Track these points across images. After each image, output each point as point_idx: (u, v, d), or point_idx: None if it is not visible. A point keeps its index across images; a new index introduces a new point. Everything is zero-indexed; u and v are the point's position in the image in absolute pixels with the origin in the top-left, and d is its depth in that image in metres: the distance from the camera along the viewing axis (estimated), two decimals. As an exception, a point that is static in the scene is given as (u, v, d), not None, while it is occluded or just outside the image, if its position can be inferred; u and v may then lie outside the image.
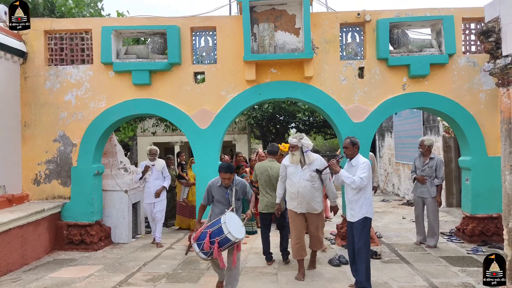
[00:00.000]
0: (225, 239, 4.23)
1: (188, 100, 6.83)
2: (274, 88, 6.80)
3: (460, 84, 6.67)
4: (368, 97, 6.75)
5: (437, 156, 6.69)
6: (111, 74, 6.86)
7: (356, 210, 4.52)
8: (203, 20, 6.95)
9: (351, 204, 4.58)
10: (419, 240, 6.70)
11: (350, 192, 4.61)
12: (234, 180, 4.66)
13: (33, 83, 6.88)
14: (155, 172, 7.20)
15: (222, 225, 4.23)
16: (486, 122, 6.60)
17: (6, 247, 5.53)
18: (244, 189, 4.80)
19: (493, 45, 4.10)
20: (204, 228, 4.38)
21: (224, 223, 4.23)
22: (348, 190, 4.63)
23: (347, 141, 4.65)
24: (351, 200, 4.58)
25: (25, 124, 6.87)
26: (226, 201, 4.65)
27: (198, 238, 4.35)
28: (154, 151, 7.35)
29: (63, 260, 6.20)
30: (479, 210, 6.60)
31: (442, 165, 6.66)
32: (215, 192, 4.68)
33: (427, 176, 6.51)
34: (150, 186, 7.18)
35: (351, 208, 4.58)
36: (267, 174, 5.94)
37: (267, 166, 6.03)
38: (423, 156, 6.66)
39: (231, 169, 4.59)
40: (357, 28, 6.88)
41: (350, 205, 4.61)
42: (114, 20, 7.42)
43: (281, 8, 6.67)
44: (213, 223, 4.39)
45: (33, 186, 6.87)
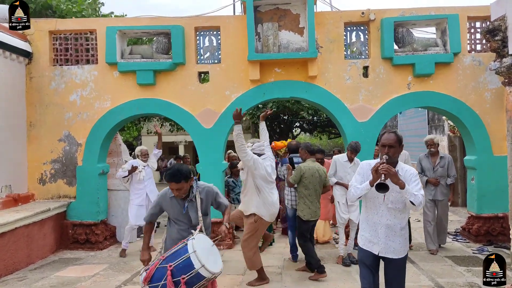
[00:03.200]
0: (196, 276, 2.94)
1: (192, 99, 6.84)
2: (278, 88, 6.80)
3: (466, 83, 6.63)
4: (373, 96, 6.73)
5: (446, 154, 6.42)
6: (115, 74, 6.88)
7: (401, 243, 3.14)
8: (207, 20, 6.96)
9: (391, 231, 3.11)
10: (436, 248, 6.17)
11: (390, 215, 3.11)
12: (194, 187, 3.37)
13: (38, 83, 6.91)
14: (149, 171, 6.70)
15: (191, 255, 2.93)
16: (492, 121, 6.56)
17: (13, 246, 5.57)
18: (215, 198, 3.53)
19: (499, 44, 4.09)
20: (161, 262, 3.02)
21: (194, 253, 2.93)
22: (387, 211, 3.12)
23: (392, 137, 3.08)
24: (392, 227, 3.11)
25: (30, 124, 6.91)
26: (186, 219, 3.38)
27: (152, 277, 3.00)
28: (146, 151, 6.79)
29: (69, 259, 6.23)
30: (484, 210, 6.56)
31: (453, 163, 6.30)
32: (168, 207, 3.40)
33: (440, 177, 6.12)
34: (144, 186, 6.55)
35: (389, 238, 3.12)
36: (318, 176, 5.23)
37: (315, 167, 5.28)
38: (431, 156, 6.25)
39: (177, 176, 3.18)
40: (362, 27, 6.86)
41: (388, 233, 3.11)
42: (118, 20, 7.45)
43: (285, 7, 6.67)
44: (175, 253, 3.03)
45: (39, 186, 6.91)
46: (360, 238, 3.31)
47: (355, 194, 3.12)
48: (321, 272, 5.11)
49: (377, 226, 3.15)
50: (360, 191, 3.09)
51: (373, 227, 3.18)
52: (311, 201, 5.22)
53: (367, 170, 3.14)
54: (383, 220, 3.13)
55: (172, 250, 3.11)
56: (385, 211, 3.13)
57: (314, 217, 5.26)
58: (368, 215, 3.23)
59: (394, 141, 3.07)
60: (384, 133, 3.17)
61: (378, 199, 3.12)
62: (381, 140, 3.13)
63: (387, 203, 3.11)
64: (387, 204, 3.11)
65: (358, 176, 3.22)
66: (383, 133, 3.18)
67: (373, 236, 3.17)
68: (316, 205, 5.28)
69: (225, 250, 6.54)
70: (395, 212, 3.12)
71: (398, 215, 3.13)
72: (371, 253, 3.18)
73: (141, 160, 6.67)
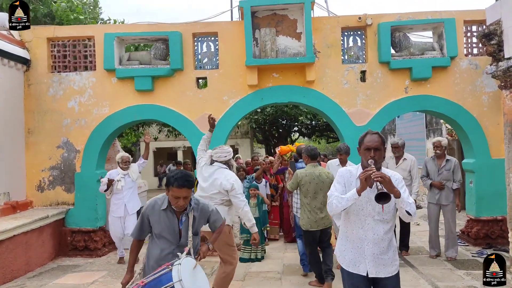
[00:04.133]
0: None
1: (190, 105, 6.85)
2: (276, 93, 6.82)
3: (463, 86, 6.66)
4: (371, 101, 6.75)
5: (452, 158, 6.14)
6: (114, 80, 6.89)
7: (391, 257, 2.74)
8: (205, 25, 6.99)
9: (379, 247, 2.71)
10: (436, 254, 6.07)
11: (377, 228, 2.70)
12: (192, 200, 3.01)
13: (37, 90, 6.91)
14: (128, 181, 6.28)
15: (175, 285, 2.53)
16: (489, 124, 6.58)
17: (11, 254, 5.54)
18: (212, 216, 3.15)
19: (495, 48, 4.11)
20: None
21: (179, 282, 2.53)
22: (374, 224, 2.70)
23: (377, 138, 2.70)
24: (380, 242, 2.71)
25: (28, 131, 6.90)
26: (174, 237, 2.94)
27: None
28: (127, 158, 6.35)
29: (67, 267, 6.21)
30: (483, 213, 6.56)
31: (459, 167, 6.07)
32: (156, 220, 2.93)
33: (445, 180, 5.92)
34: (122, 197, 6.17)
35: (377, 255, 2.71)
36: (317, 183, 4.80)
37: (315, 173, 4.85)
38: (437, 159, 6.05)
39: (191, 182, 2.84)
40: (359, 32, 6.90)
41: (375, 249, 2.71)
42: (116, 27, 7.49)
43: (282, 13, 6.70)
44: (157, 279, 2.62)
45: (37, 193, 6.90)
46: (341, 259, 2.84)
47: (338, 205, 2.65)
48: (320, 280, 4.92)
49: (363, 243, 2.70)
50: (345, 202, 2.62)
51: (357, 244, 2.73)
52: (310, 209, 4.79)
53: (348, 178, 2.77)
54: (369, 234, 2.68)
55: (153, 274, 2.67)
56: (371, 224, 2.68)
57: (314, 227, 4.80)
58: (350, 230, 2.77)
59: (379, 143, 2.67)
60: (365, 135, 2.74)
61: (363, 211, 2.69)
62: (364, 142, 2.70)
63: (374, 215, 2.68)
64: (373, 215, 2.68)
65: (338, 185, 2.78)
66: (364, 135, 2.76)
67: (358, 255, 2.73)
68: (317, 214, 4.77)
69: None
70: (383, 224, 2.69)
71: (386, 228, 2.70)
72: (358, 275, 2.72)
73: (121, 169, 6.29)
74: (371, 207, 2.67)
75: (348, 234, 2.80)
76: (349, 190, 2.68)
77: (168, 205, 2.91)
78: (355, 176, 2.77)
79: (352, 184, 2.72)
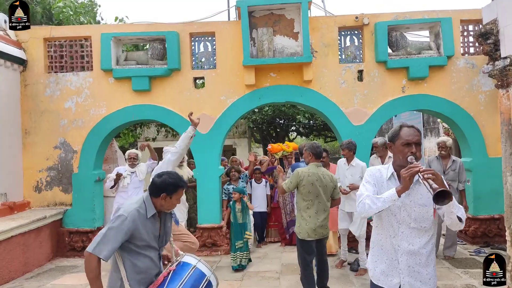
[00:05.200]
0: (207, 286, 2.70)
1: (188, 105, 6.84)
2: (274, 92, 6.82)
3: (460, 85, 6.68)
4: (368, 100, 6.76)
5: (457, 158, 6.05)
6: (111, 80, 6.87)
7: (429, 273, 2.37)
8: (202, 25, 6.98)
9: (415, 259, 2.34)
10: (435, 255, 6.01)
11: (413, 238, 2.35)
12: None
13: (33, 91, 6.89)
14: (135, 180, 6.11)
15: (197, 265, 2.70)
16: (486, 123, 6.60)
17: (8, 255, 5.53)
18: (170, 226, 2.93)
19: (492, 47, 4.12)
20: None
21: (200, 262, 2.73)
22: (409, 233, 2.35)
23: (417, 132, 2.39)
24: (417, 253, 2.34)
25: (25, 131, 6.88)
26: (156, 242, 2.73)
27: None
28: (134, 155, 6.16)
29: (65, 267, 6.19)
30: (480, 212, 6.59)
31: (464, 168, 6.01)
32: (143, 230, 2.61)
33: (451, 181, 5.82)
34: (128, 196, 5.92)
35: (414, 268, 2.34)
36: (320, 185, 4.23)
37: (319, 174, 4.26)
38: (442, 159, 5.95)
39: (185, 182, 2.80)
40: (356, 32, 6.91)
41: (411, 262, 2.34)
42: (113, 27, 7.45)
43: (279, 12, 6.70)
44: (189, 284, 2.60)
45: (34, 193, 6.87)
46: (372, 271, 2.50)
47: (373, 206, 2.28)
48: None
49: (397, 254, 2.35)
50: (381, 203, 2.26)
51: (390, 255, 2.38)
52: (310, 215, 4.19)
53: (379, 178, 2.44)
54: (404, 244, 2.34)
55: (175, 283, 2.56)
56: (406, 233, 2.33)
57: (312, 236, 4.19)
58: (383, 239, 2.43)
59: (419, 137, 2.37)
60: (400, 128, 2.41)
61: (395, 216, 2.35)
62: (401, 137, 2.36)
63: (409, 222, 2.33)
64: (409, 223, 2.33)
65: (368, 185, 2.44)
66: (398, 128, 2.42)
67: (391, 268, 2.38)
68: (317, 220, 4.19)
69: (222, 256, 6.52)
70: (420, 233, 2.33)
71: (425, 238, 2.33)
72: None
73: (128, 165, 6.16)
74: (406, 213, 2.33)
75: (381, 243, 2.44)
76: (381, 193, 2.36)
77: (154, 212, 2.67)
78: (385, 177, 2.43)
79: (383, 186, 2.39)
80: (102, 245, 2.49)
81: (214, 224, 6.67)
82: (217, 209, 6.72)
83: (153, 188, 2.67)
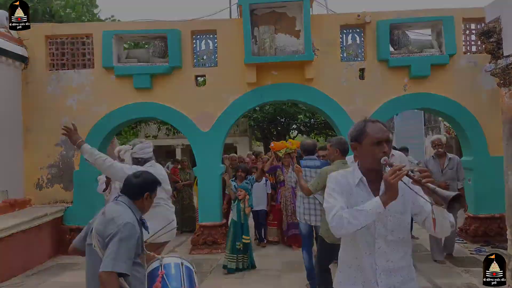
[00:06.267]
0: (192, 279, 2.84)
1: (189, 103, 6.83)
2: (275, 90, 6.81)
3: (461, 84, 6.66)
4: (369, 98, 6.75)
5: (454, 156, 5.96)
6: (112, 78, 6.87)
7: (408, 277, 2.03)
8: (204, 23, 6.97)
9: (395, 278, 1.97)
10: (443, 259, 5.71)
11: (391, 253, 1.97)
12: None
13: (35, 88, 6.89)
14: None
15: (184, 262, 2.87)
16: (488, 122, 6.58)
17: (10, 252, 5.53)
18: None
19: (494, 46, 4.11)
20: None
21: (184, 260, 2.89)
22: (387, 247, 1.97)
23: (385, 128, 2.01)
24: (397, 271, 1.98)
25: (27, 129, 6.88)
26: (140, 249, 2.58)
27: None
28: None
29: (66, 265, 6.20)
30: (481, 211, 6.58)
31: (461, 165, 5.91)
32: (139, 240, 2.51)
33: (450, 180, 5.67)
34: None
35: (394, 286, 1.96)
36: None
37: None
38: (439, 158, 5.85)
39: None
40: (357, 30, 6.89)
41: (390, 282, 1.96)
42: (115, 24, 7.48)
43: (281, 10, 6.69)
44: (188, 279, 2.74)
45: (36, 191, 6.88)
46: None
47: (353, 222, 1.83)
48: None
49: (375, 274, 1.95)
50: (364, 218, 1.83)
51: (368, 276, 1.97)
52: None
53: (346, 185, 2.01)
54: (382, 262, 1.95)
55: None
56: (383, 248, 1.95)
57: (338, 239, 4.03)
58: (355, 258, 2.02)
59: (389, 134, 2.01)
60: (365, 125, 2.00)
61: (369, 230, 1.94)
62: (368, 134, 1.96)
63: (386, 235, 1.95)
64: (386, 235, 1.95)
65: (337, 195, 1.98)
66: (362, 125, 2.01)
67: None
68: None
69: (221, 254, 6.52)
70: (397, 246, 1.97)
71: (401, 251, 1.98)
72: None
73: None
74: (381, 224, 1.94)
75: (353, 263, 2.02)
76: (350, 203, 1.95)
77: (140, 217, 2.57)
78: (353, 183, 2.01)
79: (353, 194, 1.99)
80: (119, 260, 2.27)
81: (215, 222, 6.68)
82: (218, 207, 6.72)
83: (134, 190, 2.56)
